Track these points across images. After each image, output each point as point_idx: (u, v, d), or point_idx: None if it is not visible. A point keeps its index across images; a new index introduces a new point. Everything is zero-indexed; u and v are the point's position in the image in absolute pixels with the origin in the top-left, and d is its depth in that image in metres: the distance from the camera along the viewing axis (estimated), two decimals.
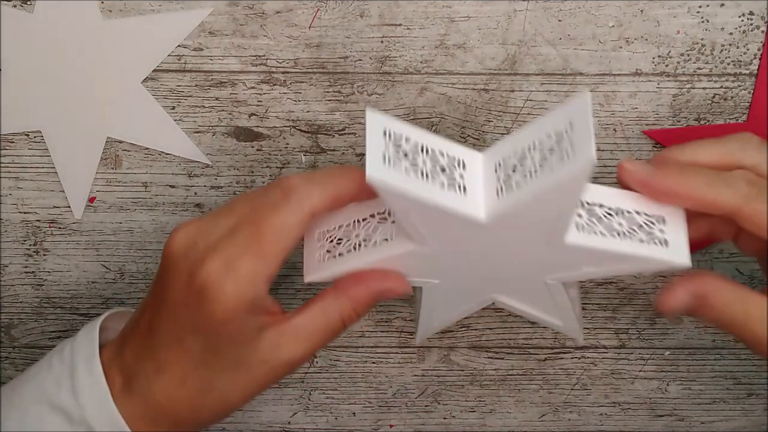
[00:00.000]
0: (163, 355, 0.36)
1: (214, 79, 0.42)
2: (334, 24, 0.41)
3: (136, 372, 0.37)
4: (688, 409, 0.52)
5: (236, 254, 0.34)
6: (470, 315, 0.47)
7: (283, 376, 0.37)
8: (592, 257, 0.35)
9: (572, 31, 0.41)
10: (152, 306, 0.37)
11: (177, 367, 0.36)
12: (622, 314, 0.49)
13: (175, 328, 0.35)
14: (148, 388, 0.36)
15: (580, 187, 0.31)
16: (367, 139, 0.32)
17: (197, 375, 0.36)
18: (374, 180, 0.31)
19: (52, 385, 0.38)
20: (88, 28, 0.40)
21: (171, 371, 0.36)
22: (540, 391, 0.52)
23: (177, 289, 0.35)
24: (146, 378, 0.36)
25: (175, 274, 0.35)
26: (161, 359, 0.36)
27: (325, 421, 0.52)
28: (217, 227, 0.35)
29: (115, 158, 0.44)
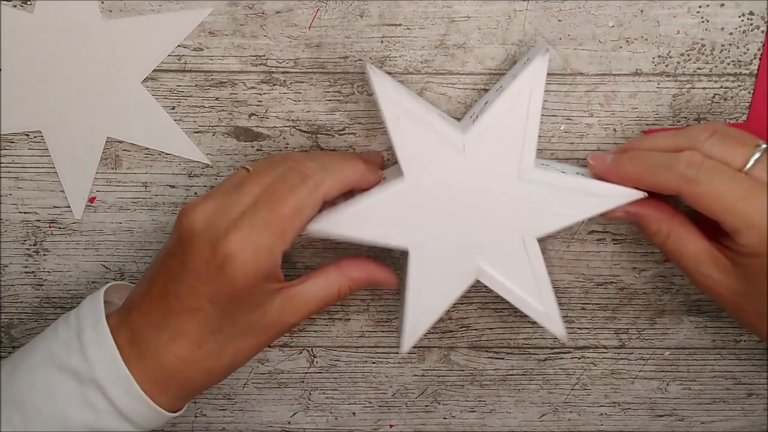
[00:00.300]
0: (180, 322, 0.39)
1: (214, 79, 0.42)
2: (334, 24, 0.41)
3: (147, 337, 0.39)
4: (688, 409, 0.52)
5: (258, 230, 0.37)
6: (465, 311, 0.47)
7: (281, 336, 0.42)
8: (559, 195, 0.40)
9: (572, 31, 0.41)
10: (166, 276, 0.39)
11: (194, 334, 0.39)
12: (622, 314, 0.49)
13: (193, 298, 0.38)
14: (161, 352, 0.39)
15: (543, 78, 0.38)
16: (365, 66, 0.39)
17: (213, 339, 0.39)
18: (372, 73, 0.38)
19: (59, 348, 0.40)
20: (88, 28, 0.40)
21: (187, 337, 0.39)
22: (540, 391, 0.52)
23: (198, 261, 0.37)
24: (159, 343, 0.39)
25: (196, 248, 0.38)
26: (177, 326, 0.39)
27: (325, 421, 0.52)
28: (235, 206, 0.38)
29: (115, 158, 0.44)
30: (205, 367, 0.40)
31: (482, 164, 0.40)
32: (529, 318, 0.49)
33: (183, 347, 0.39)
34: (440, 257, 0.41)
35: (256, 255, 0.37)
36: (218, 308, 0.38)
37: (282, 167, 0.39)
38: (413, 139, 0.39)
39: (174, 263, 0.38)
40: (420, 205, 0.41)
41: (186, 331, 0.39)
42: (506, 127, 0.39)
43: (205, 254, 0.37)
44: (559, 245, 0.46)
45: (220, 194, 0.39)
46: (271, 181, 0.38)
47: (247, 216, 0.37)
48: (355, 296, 0.48)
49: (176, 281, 0.38)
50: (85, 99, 0.42)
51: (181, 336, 0.39)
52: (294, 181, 0.38)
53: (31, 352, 0.40)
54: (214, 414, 0.52)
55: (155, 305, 0.39)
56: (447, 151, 0.39)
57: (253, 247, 0.37)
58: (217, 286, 0.37)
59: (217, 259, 0.37)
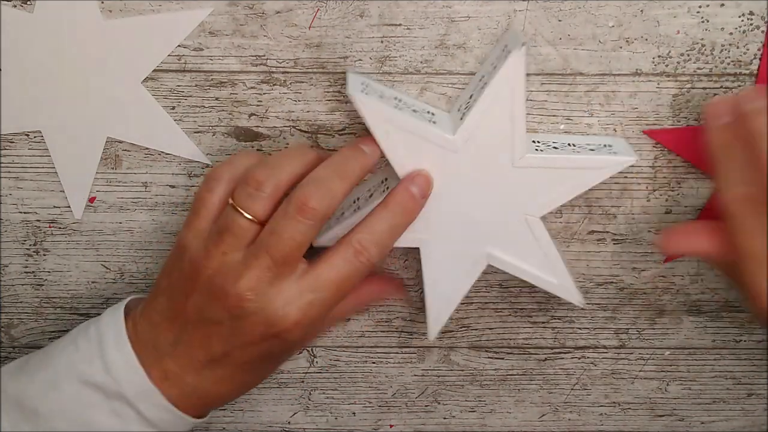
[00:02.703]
0: (225, 372, 0.40)
1: (214, 79, 0.42)
2: (334, 24, 0.41)
3: (188, 383, 0.40)
4: (688, 409, 0.52)
5: (309, 301, 0.39)
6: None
7: None
8: (554, 174, 0.41)
9: (572, 31, 0.41)
10: (209, 338, 0.39)
11: (238, 378, 0.41)
12: (622, 314, 0.49)
13: (246, 356, 0.40)
14: (201, 393, 0.41)
15: (522, 71, 0.38)
16: (347, 88, 0.39)
17: (250, 378, 0.42)
18: (353, 96, 0.38)
19: (81, 363, 0.40)
20: (88, 28, 0.40)
21: (231, 381, 0.41)
22: (540, 391, 0.52)
23: (254, 334, 0.39)
24: (201, 385, 0.40)
25: (251, 325, 0.38)
26: (222, 374, 0.40)
27: (325, 421, 0.52)
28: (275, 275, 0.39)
29: (115, 158, 0.44)
30: (228, 396, 0.42)
31: (476, 159, 0.41)
32: (529, 318, 0.49)
33: (224, 388, 0.41)
34: (450, 250, 0.43)
35: (313, 323, 0.39)
36: (267, 358, 0.40)
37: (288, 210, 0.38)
38: (405, 149, 0.40)
39: (221, 331, 0.39)
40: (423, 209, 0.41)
41: (231, 378, 0.41)
42: (493, 121, 0.40)
43: (261, 330, 0.38)
44: (559, 245, 0.46)
45: (254, 260, 0.38)
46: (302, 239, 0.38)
47: (300, 291, 0.38)
48: None
49: (226, 345, 0.39)
50: (85, 99, 0.42)
51: (227, 382, 0.41)
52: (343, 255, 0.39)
53: (51, 364, 0.40)
54: (214, 414, 0.52)
55: (196, 357, 0.40)
56: (440, 153, 0.40)
57: (311, 319, 0.39)
58: (273, 347, 0.39)
59: (274, 333, 0.38)
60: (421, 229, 0.42)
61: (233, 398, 0.43)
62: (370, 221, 0.39)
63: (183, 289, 0.39)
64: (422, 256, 0.43)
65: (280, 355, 0.42)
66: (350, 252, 0.39)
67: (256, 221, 0.38)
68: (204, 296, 0.39)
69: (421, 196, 0.40)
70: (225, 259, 0.38)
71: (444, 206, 0.42)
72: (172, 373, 0.40)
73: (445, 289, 0.44)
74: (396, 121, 0.39)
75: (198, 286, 0.39)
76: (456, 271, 0.44)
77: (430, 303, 0.44)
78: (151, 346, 0.40)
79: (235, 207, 0.38)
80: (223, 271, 0.38)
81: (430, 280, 0.44)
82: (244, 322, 0.38)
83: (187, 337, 0.40)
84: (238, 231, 0.38)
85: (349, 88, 0.39)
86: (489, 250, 0.43)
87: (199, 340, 0.39)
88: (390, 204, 0.40)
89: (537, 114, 0.43)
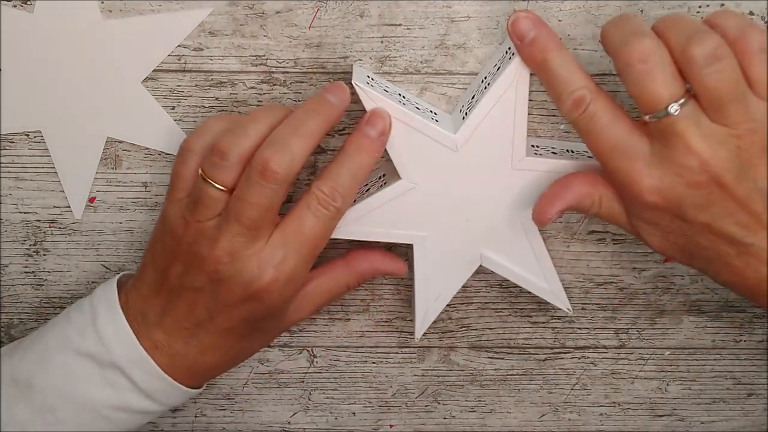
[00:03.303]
0: (211, 339, 0.41)
1: (214, 79, 0.42)
2: (334, 24, 0.41)
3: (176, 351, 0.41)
4: (688, 409, 0.52)
5: (287, 258, 0.39)
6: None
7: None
8: (552, 178, 0.40)
9: (572, 31, 0.41)
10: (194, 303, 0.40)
11: (224, 346, 0.41)
12: (622, 314, 0.49)
13: (228, 321, 0.40)
14: (189, 361, 0.41)
15: (526, 74, 0.38)
16: (352, 79, 0.39)
17: (238, 347, 0.42)
18: (358, 86, 0.38)
19: (74, 334, 0.41)
20: (88, 28, 0.40)
21: (217, 350, 0.41)
22: (540, 391, 0.52)
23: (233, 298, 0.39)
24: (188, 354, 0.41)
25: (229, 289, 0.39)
26: (208, 342, 0.41)
27: (325, 421, 0.52)
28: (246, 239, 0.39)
29: (115, 158, 0.44)
30: (220, 367, 0.43)
31: (476, 159, 0.41)
32: (529, 318, 0.49)
33: (212, 357, 0.42)
34: (444, 249, 0.43)
35: (290, 279, 0.39)
36: (250, 323, 0.41)
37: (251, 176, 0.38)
38: (406, 145, 0.40)
39: (203, 297, 0.40)
40: (420, 204, 0.42)
41: (217, 345, 0.41)
42: (495, 123, 0.40)
43: (240, 292, 0.39)
44: (559, 245, 0.46)
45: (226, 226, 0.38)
46: (268, 203, 0.38)
47: (273, 248, 0.39)
48: (355, 296, 0.48)
49: (209, 310, 0.40)
50: (85, 99, 0.42)
51: (212, 349, 0.41)
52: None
53: (44, 338, 0.41)
54: (214, 414, 0.52)
55: (182, 325, 0.41)
56: (440, 151, 0.40)
57: (286, 276, 0.39)
58: (254, 310, 0.40)
59: (252, 293, 0.39)
60: (417, 224, 0.42)
61: (223, 369, 0.43)
62: (329, 168, 0.39)
63: (166, 259, 0.40)
64: (415, 253, 0.43)
65: (264, 320, 0.41)
66: (314, 202, 0.39)
67: (226, 189, 0.38)
68: (184, 264, 0.39)
69: (378, 134, 0.39)
70: (201, 227, 0.39)
71: (441, 204, 0.42)
72: (161, 342, 0.40)
73: (435, 288, 0.44)
74: (399, 115, 0.39)
75: (179, 255, 0.40)
76: (448, 270, 0.44)
77: (419, 301, 0.44)
78: (140, 317, 0.41)
79: (204, 178, 0.38)
80: (199, 239, 0.39)
81: (422, 277, 0.44)
82: (222, 286, 0.39)
83: (172, 307, 0.40)
84: (209, 201, 0.38)
85: (354, 78, 0.39)
86: (483, 251, 0.44)
87: (184, 308, 0.40)
88: (347, 148, 0.39)
89: (537, 114, 0.43)
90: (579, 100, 0.36)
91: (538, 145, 0.42)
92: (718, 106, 0.34)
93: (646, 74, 0.34)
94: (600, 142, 0.37)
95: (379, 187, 0.42)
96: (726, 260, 0.37)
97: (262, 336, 0.43)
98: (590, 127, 0.37)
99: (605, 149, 0.37)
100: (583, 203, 0.39)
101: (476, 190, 0.42)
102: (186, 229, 0.39)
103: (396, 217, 0.42)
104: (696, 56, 0.34)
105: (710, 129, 0.35)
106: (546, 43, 0.37)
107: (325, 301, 0.44)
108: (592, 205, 0.39)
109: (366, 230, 0.42)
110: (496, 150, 0.41)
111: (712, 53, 0.34)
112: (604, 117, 0.37)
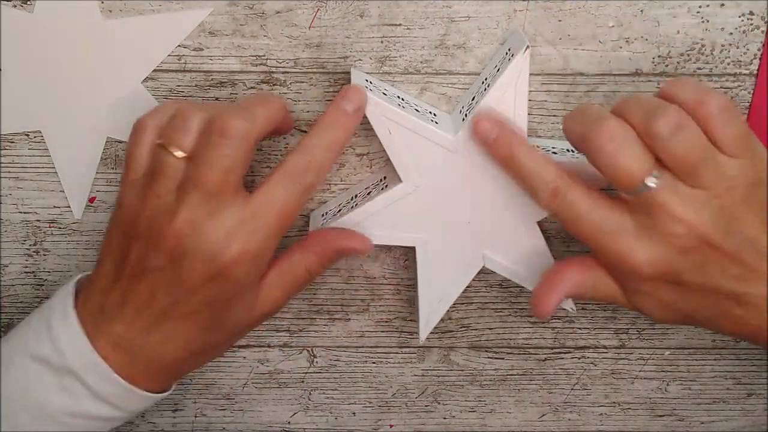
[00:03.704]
0: (172, 326, 0.38)
1: (214, 79, 0.42)
2: (334, 24, 0.41)
3: (136, 344, 0.38)
4: (688, 409, 0.52)
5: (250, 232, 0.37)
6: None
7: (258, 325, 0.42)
8: None
9: (572, 31, 0.41)
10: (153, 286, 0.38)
11: (186, 335, 0.39)
12: (622, 314, 0.49)
13: (190, 304, 0.38)
14: (152, 354, 0.39)
15: (525, 75, 0.39)
16: (351, 81, 0.39)
17: (200, 341, 0.39)
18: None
19: (31, 338, 0.39)
20: (88, 28, 0.40)
21: (180, 339, 0.39)
22: (540, 391, 0.52)
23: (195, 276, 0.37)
24: (150, 347, 0.39)
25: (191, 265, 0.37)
26: (170, 330, 0.38)
27: (325, 421, 0.52)
28: (210, 210, 0.37)
29: (115, 158, 0.44)
30: (187, 365, 0.41)
31: (476, 161, 0.41)
32: (529, 318, 0.49)
33: (174, 348, 0.39)
34: (446, 251, 0.43)
35: (256, 255, 0.37)
36: (214, 310, 0.38)
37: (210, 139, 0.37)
38: (406, 147, 0.40)
39: (164, 278, 0.37)
40: (421, 206, 0.42)
41: (178, 335, 0.39)
42: None
43: (203, 270, 0.37)
44: (559, 245, 0.46)
45: (185, 196, 0.37)
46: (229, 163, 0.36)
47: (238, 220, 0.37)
48: (355, 296, 0.48)
49: (169, 292, 0.38)
50: (85, 99, 0.42)
51: (173, 339, 0.39)
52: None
53: (7, 344, 0.40)
54: (214, 414, 0.52)
55: (143, 313, 0.38)
56: (441, 153, 0.40)
57: (254, 250, 0.37)
58: (219, 291, 0.38)
59: (217, 269, 0.37)
60: (419, 227, 0.43)
61: (186, 366, 0.41)
62: (303, 142, 0.39)
63: (123, 245, 0.38)
64: (418, 256, 0.43)
65: (231, 300, 0.38)
66: (286, 176, 0.38)
67: (185, 156, 0.37)
68: (143, 244, 0.37)
69: (353, 110, 0.39)
70: (159, 201, 0.37)
71: (442, 207, 0.42)
72: (120, 337, 0.38)
73: (438, 290, 0.44)
74: (399, 118, 0.39)
75: (137, 235, 0.38)
76: (451, 272, 0.44)
77: (422, 304, 0.45)
78: (98, 313, 0.39)
79: (164, 146, 0.37)
80: (157, 215, 0.37)
81: (425, 280, 0.44)
82: (185, 263, 0.37)
83: (132, 294, 0.38)
84: (169, 171, 0.37)
85: (353, 82, 0.39)
86: (485, 252, 0.44)
87: (145, 293, 0.38)
88: (321, 123, 0.39)
89: (537, 114, 0.43)
90: (555, 190, 0.37)
91: (539, 146, 0.42)
92: (692, 172, 0.35)
93: (617, 152, 0.35)
94: (584, 226, 0.37)
95: (381, 190, 0.42)
96: (726, 313, 0.38)
97: (225, 331, 0.40)
98: (571, 214, 0.37)
99: (590, 232, 0.37)
100: (578, 291, 0.40)
101: (477, 191, 0.42)
102: (143, 206, 0.37)
103: (397, 219, 0.42)
104: (660, 130, 0.34)
105: (690, 195, 0.35)
106: (510, 140, 0.38)
107: (289, 290, 0.41)
108: (587, 291, 0.40)
109: (367, 233, 0.42)
110: None
111: (675, 124, 0.34)
112: (583, 203, 0.37)
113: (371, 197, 0.42)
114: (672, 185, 0.35)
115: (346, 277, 0.48)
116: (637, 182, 0.35)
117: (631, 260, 0.37)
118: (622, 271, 0.38)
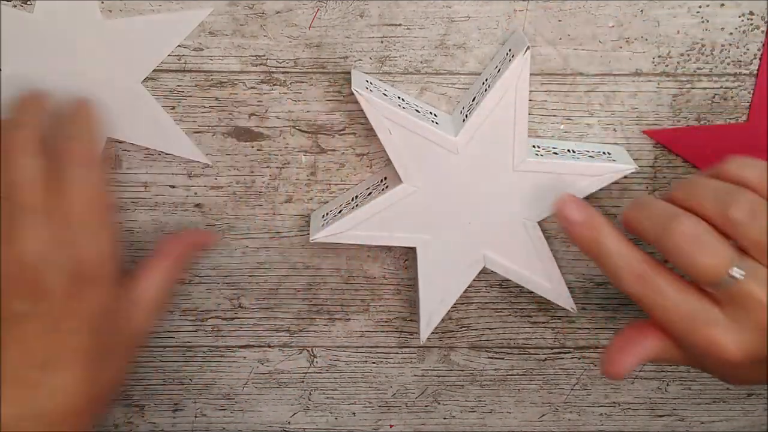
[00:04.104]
0: (60, 380, 0.36)
1: (214, 79, 0.42)
2: (334, 24, 0.41)
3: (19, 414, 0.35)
4: (688, 409, 0.52)
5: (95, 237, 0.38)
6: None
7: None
8: (553, 179, 0.41)
9: (572, 31, 0.41)
10: (23, 341, 0.36)
11: (74, 382, 0.37)
12: (622, 314, 0.49)
13: (72, 339, 0.37)
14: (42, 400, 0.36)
15: (526, 75, 0.39)
16: (352, 85, 0.39)
17: (93, 367, 0.37)
18: (358, 92, 0.39)
19: None
20: (88, 28, 0.40)
21: (65, 391, 0.36)
22: (540, 391, 0.52)
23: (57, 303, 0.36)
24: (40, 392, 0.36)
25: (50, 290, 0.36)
26: (58, 383, 0.36)
27: (325, 421, 0.52)
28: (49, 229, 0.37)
29: (115, 158, 0.44)
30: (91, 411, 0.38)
31: (477, 161, 0.41)
32: (529, 318, 0.49)
33: (68, 397, 0.37)
34: (447, 251, 0.43)
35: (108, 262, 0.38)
36: (97, 336, 0.37)
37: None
38: (407, 148, 0.40)
39: (33, 324, 0.36)
40: (421, 206, 0.42)
41: (67, 382, 0.36)
42: (495, 124, 0.40)
43: (62, 290, 0.36)
44: (559, 245, 0.46)
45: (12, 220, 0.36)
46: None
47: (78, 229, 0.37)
48: (355, 296, 0.48)
49: (45, 334, 0.36)
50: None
51: (62, 391, 0.36)
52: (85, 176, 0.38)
53: None
54: (214, 414, 0.52)
55: (19, 374, 0.35)
56: (441, 154, 0.40)
57: (105, 242, 0.38)
58: (92, 303, 0.37)
59: (78, 288, 0.37)
60: (420, 227, 0.43)
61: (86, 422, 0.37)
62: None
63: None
64: (418, 256, 0.43)
65: (104, 326, 0.37)
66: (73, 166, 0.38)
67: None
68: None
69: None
70: None
71: (443, 207, 0.42)
72: (5, 420, 0.35)
73: (439, 291, 0.44)
74: (399, 119, 0.39)
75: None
76: (451, 273, 0.44)
77: (423, 304, 0.45)
78: None
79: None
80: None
81: (426, 280, 0.44)
82: (47, 296, 0.36)
83: (3, 355, 0.35)
84: None
85: (354, 84, 0.39)
86: (486, 253, 0.44)
87: (16, 350, 0.36)
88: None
89: (537, 114, 0.43)
90: (641, 275, 0.36)
91: (539, 146, 0.42)
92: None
93: (699, 251, 0.34)
94: (671, 314, 0.36)
95: (381, 191, 0.42)
96: None
97: (115, 361, 0.39)
98: (657, 299, 0.36)
99: (678, 319, 0.36)
100: (655, 358, 0.39)
101: (478, 191, 0.42)
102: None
103: (398, 220, 0.42)
104: (738, 217, 0.34)
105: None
106: (596, 223, 0.37)
107: (160, 298, 0.41)
108: (663, 357, 0.39)
109: (368, 234, 0.42)
110: (497, 151, 0.41)
111: (750, 210, 0.34)
112: (670, 289, 0.36)
113: (372, 198, 0.42)
114: (757, 272, 0.35)
115: (346, 277, 0.48)
116: (722, 275, 0.35)
117: (724, 351, 0.36)
118: (712, 359, 0.37)
